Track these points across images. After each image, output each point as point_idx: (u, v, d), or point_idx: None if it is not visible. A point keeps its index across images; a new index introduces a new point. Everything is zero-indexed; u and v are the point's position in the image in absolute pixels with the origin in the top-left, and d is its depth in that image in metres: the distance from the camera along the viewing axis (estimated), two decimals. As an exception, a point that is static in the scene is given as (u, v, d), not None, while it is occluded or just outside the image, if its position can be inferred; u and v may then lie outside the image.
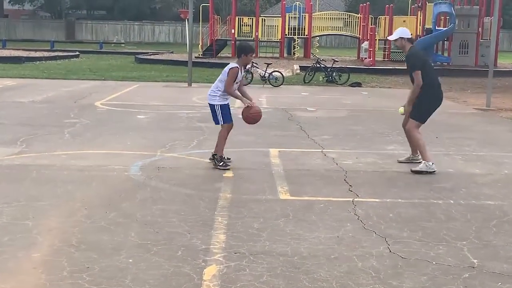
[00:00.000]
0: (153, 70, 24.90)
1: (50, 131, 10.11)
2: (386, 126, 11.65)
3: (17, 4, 61.44)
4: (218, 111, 7.57)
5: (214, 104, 7.61)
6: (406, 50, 7.92)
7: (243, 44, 8.17)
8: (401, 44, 7.96)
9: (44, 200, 6.07)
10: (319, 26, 32.32)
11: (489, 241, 5.21)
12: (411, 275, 4.43)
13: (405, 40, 7.89)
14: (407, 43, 7.90)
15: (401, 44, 7.97)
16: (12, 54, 30.32)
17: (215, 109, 7.59)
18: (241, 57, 7.65)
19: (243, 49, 7.75)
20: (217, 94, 7.60)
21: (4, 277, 4.21)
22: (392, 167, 8.01)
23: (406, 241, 5.15)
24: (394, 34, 8.07)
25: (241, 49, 7.80)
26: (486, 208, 6.20)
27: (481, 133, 11.04)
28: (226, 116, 7.59)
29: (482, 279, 4.39)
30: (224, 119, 7.58)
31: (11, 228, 5.21)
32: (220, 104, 7.57)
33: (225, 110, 7.59)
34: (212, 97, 7.65)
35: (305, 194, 6.61)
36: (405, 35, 7.91)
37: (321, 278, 4.34)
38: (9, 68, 23.84)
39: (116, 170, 7.42)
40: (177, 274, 4.33)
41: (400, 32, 8.01)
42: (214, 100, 7.62)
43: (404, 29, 8.11)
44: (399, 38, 7.89)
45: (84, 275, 4.27)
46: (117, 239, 5.02)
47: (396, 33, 8.08)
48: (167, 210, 5.84)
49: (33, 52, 32.70)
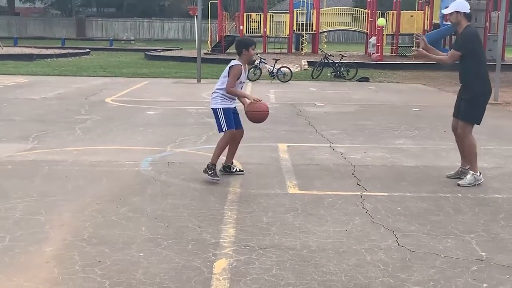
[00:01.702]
0: (163, 66, 24.94)
1: (61, 127, 10.16)
2: (394, 120, 11.63)
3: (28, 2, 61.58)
4: (220, 115, 6.64)
5: (216, 108, 6.72)
6: (461, 28, 6.72)
7: (241, 39, 7.22)
8: (457, 19, 6.71)
9: (56, 195, 6.10)
10: (327, 22, 32.27)
11: (497, 234, 5.20)
12: (420, 268, 4.43)
13: (461, 15, 6.68)
14: (463, 20, 6.69)
15: (456, 20, 6.72)
16: (23, 52, 30.46)
17: (217, 113, 6.69)
18: (242, 53, 6.75)
19: (242, 44, 6.79)
20: (218, 96, 6.75)
21: (17, 272, 4.24)
22: (401, 162, 7.99)
23: (415, 234, 5.15)
24: (450, 7, 6.76)
25: (240, 44, 6.86)
26: (494, 202, 6.18)
27: (489, 127, 10.97)
28: (229, 121, 6.64)
29: (490, 272, 4.38)
30: (227, 125, 6.61)
31: (24, 223, 5.24)
32: (223, 108, 6.66)
33: (228, 114, 6.66)
34: (214, 100, 6.79)
35: (314, 188, 6.61)
36: (462, 9, 6.67)
37: (330, 271, 4.35)
38: (20, 65, 23.94)
39: (127, 166, 7.45)
40: (188, 268, 4.34)
41: (457, 5, 6.71)
42: (216, 104, 6.74)
43: (462, 2, 6.74)
44: (455, 12, 6.68)
45: (96, 269, 4.29)
46: (128, 233, 5.04)
47: (452, 6, 6.75)
48: (177, 204, 5.86)
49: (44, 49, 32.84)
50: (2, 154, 7.94)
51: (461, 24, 6.68)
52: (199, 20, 19.83)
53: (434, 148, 8.98)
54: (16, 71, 21.55)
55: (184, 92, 16.36)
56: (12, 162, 7.57)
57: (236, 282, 4.13)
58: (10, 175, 6.91)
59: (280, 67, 19.75)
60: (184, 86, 18.04)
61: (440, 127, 10.73)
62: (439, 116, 12.39)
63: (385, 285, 4.14)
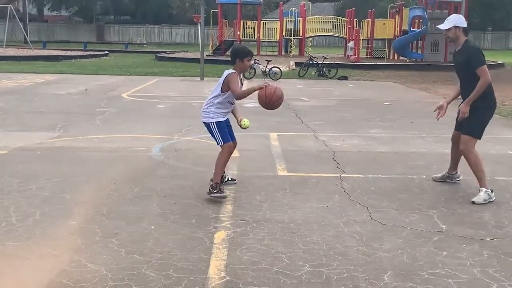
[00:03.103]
0: (171, 66, 24.84)
1: (83, 118, 10.13)
2: (369, 113, 11.63)
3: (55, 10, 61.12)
4: (214, 129, 5.49)
5: (209, 122, 5.51)
6: (460, 43, 5.58)
7: (237, 48, 5.74)
8: (455, 34, 5.55)
9: (79, 177, 6.10)
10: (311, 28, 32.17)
11: (455, 210, 5.23)
12: (389, 238, 4.45)
13: (460, 30, 5.54)
14: (462, 34, 5.56)
15: (455, 35, 5.56)
16: (51, 53, 30.30)
17: (211, 128, 5.52)
18: (236, 63, 5.49)
19: (238, 53, 5.50)
20: (211, 110, 5.52)
21: (46, 242, 4.25)
22: (374, 148, 8.00)
23: (385, 210, 5.17)
24: (447, 22, 5.56)
25: (235, 53, 5.54)
26: (453, 182, 6.20)
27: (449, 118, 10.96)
28: (224, 134, 5.50)
29: (449, 242, 4.41)
30: (223, 139, 5.48)
31: (52, 200, 5.24)
32: (216, 122, 5.48)
33: (222, 127, 5.52)
34: (206, 114, 5.55)
35: (300, 171, 6.62)
36: (461, 24, 5.53)
37: (313, 241, 4.36)
38: (48, 65, 23.82)
39: (140, 151, 7.43)
40: (192, 239, 4.35)
41: (455, 20, 5.58)
42: (208, 118, 5.52)
43: (459, 16, 5.67)
44: (453, 27, 5.52)
45: (113, 240, 4.30)
46: (141, 209, 5.05)
47: (449, 21, 5.57)
48: (183, 185, 5.86)
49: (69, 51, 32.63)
50: (33, 141, 7.92)
51: (460, 39, 5.57)
52: (202, 27, 19.75)
53: (402, 136, 8.99)
54: (44, 70, 21.43)
55: (189, 88, 16.31)
56: (41, 148, 7.55)
57: (233, 250, 4.14)
58: (40, 160, 6.90)
59: (271, 67, 19.68)
60: (189, 83, 17.97)
61: (408, 119, 10.75)
62: (407, 109, 12.40)
63: (360, 252, 4.15)
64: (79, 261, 3.90)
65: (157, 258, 3.97)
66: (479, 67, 5.40)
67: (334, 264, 3.94)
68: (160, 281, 3.62)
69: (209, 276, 3.71)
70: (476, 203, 5.40)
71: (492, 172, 6.52)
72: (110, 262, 3.89)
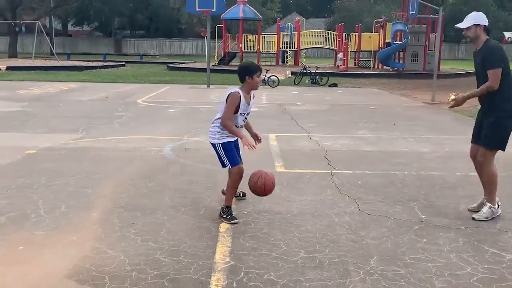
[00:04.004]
0: (180, 75, 24.82)
1: (103, 121, 10.13)
2: (356, 116, 11.63)
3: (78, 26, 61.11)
4: (220, 151, 4.58)
5: (215, 143, 4.61)
6: (481, 43, 4.54)
7: (244, 64, 4.67)
8: (475, 33, 4.51)
9: (99, 173, 6.10)
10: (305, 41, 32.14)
11: (433, 202, 5.23)
12: (375, 227, 4.45)
13: (481, 28, 4.50)
14: (483, 33, 4.52)
15: (475, 34, 4.51)
16: (74, 64, 30.24)
17: (217, 149, 4.61)
18: (245, 80, 4.53)
19: (246, 70, 4.52)
20: (216, 130, 4.61)
21: (71, 231, 4.25)
22: (361, 147, 8.00)
23: (372, 202, 5.17)
24: (467, 21, 4.52)
25: (243, 70, 4.55)
26: (432, 177, 6.21)
27: (428, 121, 11.00)
28: (232, 156, 4.57)
29: (428, 230, 4.42)
30: (231, 161, 4.55)
31: (75, 195, 5.24)
32: (222, 143, 4.56)
33: (229, 149, 4.59)
34: (212, 134, 4.64)
35: (296, 167, 6.62)
36: (482, 22, 4.49)
37: (307, 230, 4.37)
38: (72, 74, 23.82)
39: (153, 151, 7.43)
40: (200, 228, 4.36)
41: (475, 18, 4.51)
42: (214, 138, 4.61)
43: (480, 14, 4.56)
44: (473, 25, 4.49)
45: (130, 229, 4.31)
46: (154, 202, 5.05)
47: (469, 19, 4.52)
48: (192, 180, 5.86)
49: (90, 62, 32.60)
50: (58, 142, 7.92)
51: (481, 39, 4.53)
52: (208, 40, 19.72)
53: (386, 137, 8.98)
54: (68, 78, 21.41)
55: (197, 94, 16.30)
56: (65, 148, 7.55)
57: (237, 238, 4.15)
58: (64, 158, 6.90)
59: (270, 75, 19.65)
60: (197, 90, 17.96)
61: (391, 121, 10.75)
62: (390, 113, 12.39)
63: (349, 240, 4.16)
64: (100, 248, 3.90)
65: (169, 245, 3.97)
66: (491, 69, 4.42)
67: (326, 250, 3.95)
68: (172, 266, 3.63)
69: (216, 261, 3.71)
70: (476, 220, 4.61)
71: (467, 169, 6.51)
72: (127, 249, 3.89)
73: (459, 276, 3.57)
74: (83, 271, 3.53)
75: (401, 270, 3.62)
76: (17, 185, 5.52)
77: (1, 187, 5.43)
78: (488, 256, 3.91)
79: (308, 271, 3.58)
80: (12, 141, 8.01)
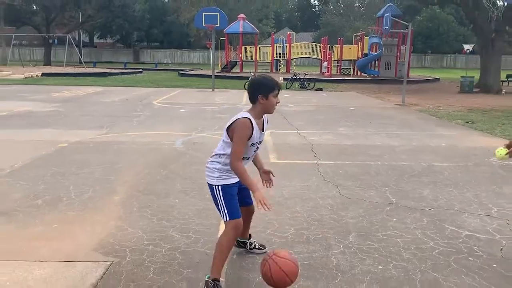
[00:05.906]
0: (189, 80, 24.74)
1: (124, 119, 10.10)
2: (338, 115, 11.62)
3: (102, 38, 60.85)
4: (218, 196, 2.85)
5: (213, 184, 2.89)
6: None
7: (258, 80, 2.90)
8: None
9: (121, 163, 6.10)
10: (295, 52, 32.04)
11: (402, 187, 5.25)
12: (353, 209, 4.47)
13: None
14: None
15: None
16: (99, 71, 30.10)
17: (214, 193, 2.88)
18: (258, 101, 2.82)
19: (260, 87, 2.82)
20: (215, 166, 2.92)
21: (96, 212, 4.26)
22: (342, 142, 8.01)
23: (350, 187, 5.19)
24: None
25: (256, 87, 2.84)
26: (401, 167, 6.22)
27: (399, 120, 11.02)
28: (232, 206, 2.83)
29: (398, 211, 4.43)
30: (229, 212, 2.81)
31: (100, 181, 5.24)
32: (221, 185, 2.85)
33: (230, 195, 2.85)
34: (210, 171, 2.94)
35: (287, 159, 6.62)
36: None
37: (297, 211, 4.38)
38: (98, 80, 23.72)
39: (167, 144, 7.43)
40: (206, 209, 4.36)
41: None
42: (212, 178, 2.90)
43: None
44: None
45: (147, 210, 4.31)
46: (167, 187, 5.05)
47: None
48: (200, 169, 5.86)
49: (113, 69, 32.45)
50: (86, 137, 7.91)
51: None
52: (213, 51, 19.66)
53: (363, 133, 8.99)
54: (94, 83, 21.33)
55: (203, 97, 16.26)
56: (92, 142, 7.54)
57: (237, 218, 4.15)
58: (91, 151, 6.90)
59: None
60: (203, 93, 17.92)
61: (367, 120, 10.76)
62: (366, 113, 12.39)
63: (331, 219, 4.18)
64: (122, 226, 3.91)
65: (180, 224, 3.99)
66: None
67: (312, 227, 3.97)
68: (182, 241, 3.64)
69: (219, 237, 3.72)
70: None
71: (431, 160, 6.55)
72: (145, 227, 3.90)
73: (423, 249, 3.59)
74: (108, 245, 3.54)
75: (375, 244, 3.64)
76: (51, 173, 5.52)
77: (38, 175, 5.43)
78: (448, 232, 3.94)
79: (297, 245, 3.60)
80: (47, 136, 7.99)
